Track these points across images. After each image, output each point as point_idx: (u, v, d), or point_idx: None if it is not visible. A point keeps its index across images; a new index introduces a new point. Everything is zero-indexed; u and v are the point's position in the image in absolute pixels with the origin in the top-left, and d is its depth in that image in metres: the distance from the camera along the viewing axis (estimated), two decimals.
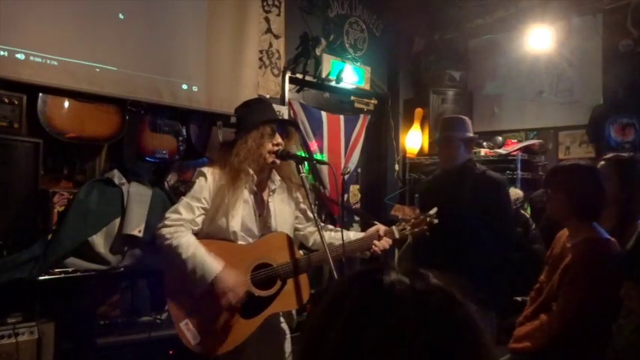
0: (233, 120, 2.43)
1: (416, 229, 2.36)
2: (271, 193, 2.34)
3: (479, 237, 2.80)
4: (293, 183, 2.40)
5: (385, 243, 2.31)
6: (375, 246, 2.30)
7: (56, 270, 2.65)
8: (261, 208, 2.32)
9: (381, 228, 2.33)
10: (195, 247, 2.11)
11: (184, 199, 2.22)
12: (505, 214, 2.96)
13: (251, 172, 2.24)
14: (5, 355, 2.46)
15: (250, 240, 2.26)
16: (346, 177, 4.40)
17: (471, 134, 3.06)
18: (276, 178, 2.36)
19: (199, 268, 2.07)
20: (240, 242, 2.23)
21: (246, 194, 2.25)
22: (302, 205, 2.45)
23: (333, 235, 2.37)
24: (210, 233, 2.22)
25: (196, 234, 2.22)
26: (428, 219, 2.37)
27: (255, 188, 2.29)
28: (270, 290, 2.23)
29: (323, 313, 0.71)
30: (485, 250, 2.80)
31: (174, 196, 3.07)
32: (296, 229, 2.44)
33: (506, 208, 2.97)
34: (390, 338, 0.63)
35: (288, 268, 2.25)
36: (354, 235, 2.40)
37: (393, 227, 2.36)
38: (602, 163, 2.64)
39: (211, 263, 2.09)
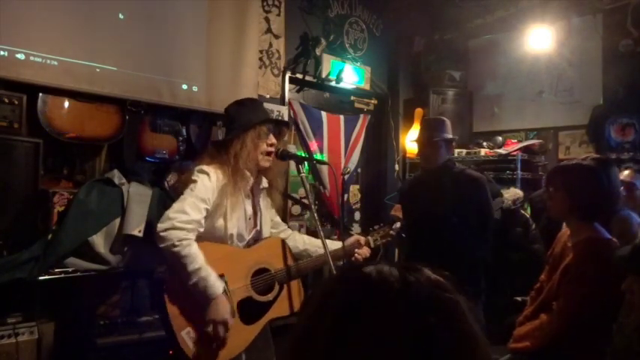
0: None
1: (384, 240, 2.59)
2: (259, 196, 2.35)
3: (459, 234, 2.84)
4: (272, 187, 2.40)
5: (366, 251, 2.47)
6: (358, 254, 2.44)
7: (56, 270, 2.64)
8: (253, 211, 2.31)
9: (360, 238, 2.50)
10: (202, 260, 2.03)
11: (189, 198, 2.10)
12: (485, 210, 2.99)
13: (248, 174, 2.23)
14: (5, 355, 2.46)
15: (240, 243, 2.25)
16: (346, 177, 4.40)
17: (451, 135, 3.11)
18: (264, 181, 2.36)
19: (202, 285, 2.01)
20: (233, 245, 2.22)
21: (241, 197, 2.23)
22: (273, 210, 2.49)
23: (307, 242, 2.47)
24: (206, 233, 2.15)
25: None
26: (391, 232, 2.59)
27: (248, 191, 2.28)
28: (269, 296, 2.23)
29: (312, 311, 0.71)
30: (465, 247, 2.84)
31: (174, 196, 3.06)
32: (270, 234, 2.45)
33: (485, 205, 3.01)
34: (379, 329, 0.63)
35: (285, 274, 2.27)
36: (330, 242, 2.42)
37: (369, 237, 2.53)
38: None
39: (214, 284, 2.03)
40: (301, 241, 2.47)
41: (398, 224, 2.62)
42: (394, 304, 0.65)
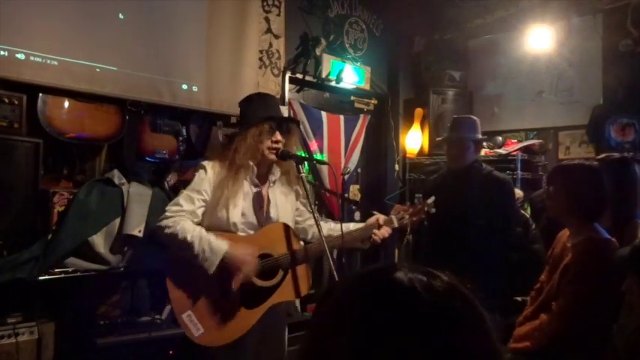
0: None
1: (414, 218, 2.38)
2: (272, 185, 2.36)
3: (483, 236, 2.81)
4: (293, 176, 2.41)
5: (385, 232, 2.32)
6: (375, 235, 2.31)
7: (56, 270, 2.65)
8: (262, 201, 2.33)
9: (380, 217, 2.36)
10: (200, 229, 2.15)
11: (184, 192, 2.25)
12: (510, 214, 2.97)
13: (251, 164, 2.26)
14: (5, 355, 2.46)
15: (251, 232, 2.27)
16: (346, 177, 4.41)
17: (480, 136, 3.08)
18: (277, 170, 2.38)
19: (207, 249, 2.08)
20: (240, 234, 2.24)
21: (247, 186, 2.28)
22: (302, 199, 2.48)
23: (332, 227, 2.39)
24: (211, 225, 2.23)
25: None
26: (425, 208, 2.39)
27: (256, 181, 2.31)
28: (272, 281, 2.24)
29: (331, 312, 0.68)
30: (489, 249, 2.81)
31: (174, 196, 3.06)
32: (296, 222, 2.46)
33: (511, 209, 2.99)
34: (406, 337, 0.61)
35: (288, 259, 2.26)
36: (353, 225, 2.42)
37: (392, 216, 2.37)
38: (595, 163, 2.63)
39: (217, 242, 2.11)
40: (326, 228, 2.42)
41: (433, 197, 2.37)
42: (422, 313, 0.63)
